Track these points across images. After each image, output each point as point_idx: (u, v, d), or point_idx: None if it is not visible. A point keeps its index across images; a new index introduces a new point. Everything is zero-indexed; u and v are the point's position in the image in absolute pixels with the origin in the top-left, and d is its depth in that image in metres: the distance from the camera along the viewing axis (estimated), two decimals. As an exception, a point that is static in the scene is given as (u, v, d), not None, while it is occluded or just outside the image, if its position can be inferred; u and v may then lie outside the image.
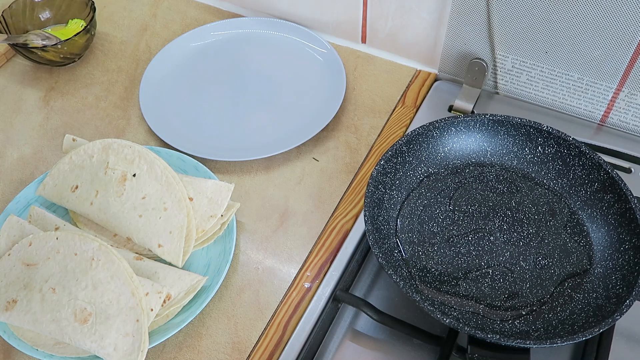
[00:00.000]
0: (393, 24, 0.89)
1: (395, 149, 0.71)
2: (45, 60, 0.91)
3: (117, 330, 0.61)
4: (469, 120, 0.74)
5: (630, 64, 0.76)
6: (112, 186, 0.71)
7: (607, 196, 0.68)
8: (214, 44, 0.97)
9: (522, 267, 0.66)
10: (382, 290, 0.70)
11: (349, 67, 0.93)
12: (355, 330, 0.67)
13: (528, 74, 0.83)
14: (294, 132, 0.83)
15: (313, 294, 0.70)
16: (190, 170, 0.78)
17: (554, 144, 0.72)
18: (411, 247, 0.68)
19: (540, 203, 0.71)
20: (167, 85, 0.91)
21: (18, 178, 0.82)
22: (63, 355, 0.64)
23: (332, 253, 0.73)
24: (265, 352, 0.66)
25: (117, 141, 0.73)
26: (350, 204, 0.78)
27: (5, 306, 0.64)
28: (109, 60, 0.96)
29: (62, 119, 0.89)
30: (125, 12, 1.04)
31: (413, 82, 0.91)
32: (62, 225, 0.72)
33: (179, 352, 0.66)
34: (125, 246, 0.72)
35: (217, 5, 1.03)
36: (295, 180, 0.80)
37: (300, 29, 0.96)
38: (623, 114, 0.81)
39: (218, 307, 0.70)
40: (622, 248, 0.65)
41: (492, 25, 0.80)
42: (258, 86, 0.91)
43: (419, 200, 0.72)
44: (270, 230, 0.76)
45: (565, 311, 0.63)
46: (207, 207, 0.71)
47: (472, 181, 0.73)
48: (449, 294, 0.65)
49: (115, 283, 0.63)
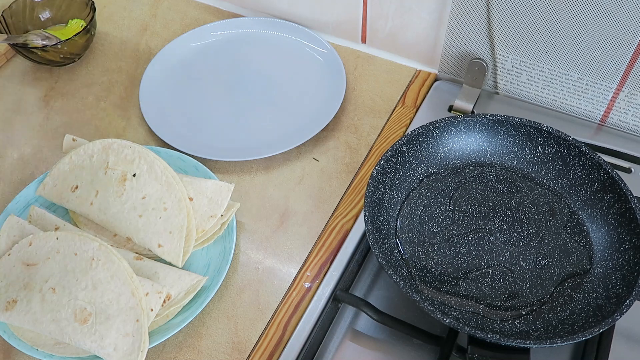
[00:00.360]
0: (393, 24, 0.89)
1: (395, 149, 0.71)
2: (45, 60, 0.91)
3: (117, 330, 0.61)
4: (469, 120, 0.74)
5: (630, 64, 0.76)
6: (112, 186, 0.71)
7: (607, 196, 0.68)
8: (214, 44, 0.97)
9: (522, 267, 0.66)
10: (382, 290, 0.70)
11: (349, 67, 0.93)
12: (355, 330, 0.67)
13: (528, 74, 0.83)
14: (294, 132, 0.83)
15: (313, 294, 0.70)
16: (190, 170, 0.78)
17: (554, 144, 0.72)
18: (411, 247, 0.68)
19: (540, 203, 0.71)
20: (167, 85, 0.91)
21: (18, 178, 0.82)
22: (63, 355, 0.64)
23: (332, 253, 0.73)
24: (265, 352, 0.66)
25: (117, 141, 0.73)
26: (350, 204, 0.78)
27: (5, 306, 0.64)
28: (109, 60, 0.96)
29: (62, 119, 0.89)
30: (125, 12, 1.04)
31: (413, 82, 0.91)
32: (62, 225, 0.72)
33: (179, 352, 0.66)
34: (125, 246, 0.72)
35: (217, 5, 1.03)
36: (295, 180, 0.80)
37: (300, 29, 0.96)
38: (623, 114, 0.81)
39: (218, 307, 0.70)
40: (622, 248, 0.65)
41: (492, 25, 0.80)
42: (258, 86, 0.91)
43: (419, 200, 0.72)
44: (270, 230, 0.76)
45: (565, 311, 0.63)
46: (207, 207, 0.71)
47: (472, 181, 0.73)
48: (449, 294, 0.65)
49: (115, 283, 0.63)
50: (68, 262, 0.64)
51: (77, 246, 0.65)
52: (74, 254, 0.64)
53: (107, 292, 0.62)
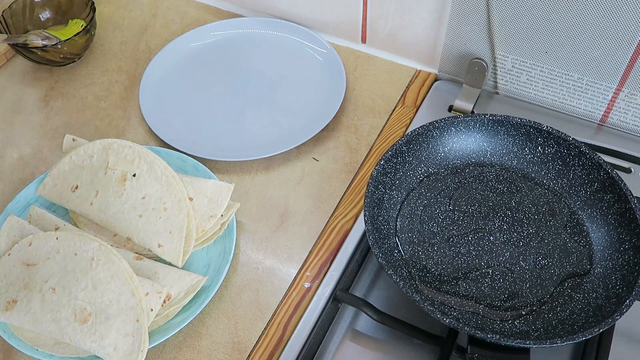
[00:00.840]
0: (393, 24, 0.89)
1: (395, 149, 0.71)
2: (45, 60, 0.91)
3: (117, 330, 0.61)
4: (469, 120, 0.74)
5: (630, 64, 0.76)
6: (112, 186, 0.71)
7: (607, 196, 0.68)
8: (214, 44, 0.97)
9: (522, 267, 0.66)
10: (382, 290, 0.70)
11: (349, 67, 0.93)
12: (355, 330, 0.67)
13: (528, 74, 0.83)
14: (294, 132, 0.84)
15: (313, 294, 0.70)
16: (190, 170, 0.78)
17: (554, 144, 0.72)
18: (411, 247, 0.68)
19: (540, 203, 0.71)
20: (167, 85, 0.91)
21: (18, 178, 0.82)
22: (63, 355, 0.64)
23: (332, 253, 0.73)
24: (265, 352, 0.66)
25: (117, 141, 0.73)
26: (350, 204, 0.78)
27: (5, 306, 0.64)
28: (109, 60, 0.96)
29: (62, 119, 0.89)
30: (125, 12, 1.04)
31: (413, 82, 0.91)
32: (62, 225, 0.72)
33: (179, 352, 0.66)
34: (125, 246, 0.72)
35: (217, 5, 1.03)
36: (295, 180, 0.80)
37: (300, 29, 0.96)
38: (623, 114, 0.81)
39: (218, 307, 0.70)
40: (622, 248, 0.65)
41: (492, 25, 0.80)
42: (258, 86, 0.91)
43: (419, 200, 0.72)
44: (270, 230, 0.76)
45: (565, 311, 0.63)
46: (207, 207, 0.71)
47: (472, 181, 0.73)
48: (449, 294, 0.65)
49: (115, 283, 0.63)
50: (68, 262, 0.64)
51: (77, 246, 0.65)
52: (74, 254, 0.64)
53: (107, 292, 0.62)
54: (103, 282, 0.63)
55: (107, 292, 0.62)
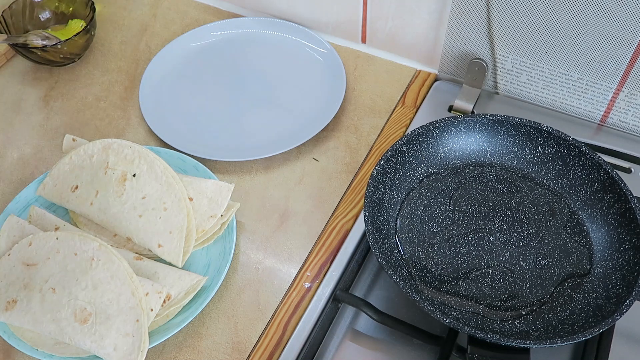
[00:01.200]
0: (393, 24, 0.89)
1: (395, 149, 0.71)
2: (45, 60, 0.91)
3: (117, 330, 0.61)
4: (469, 120, 0.74)
5: (630, 64, 0.76)
6: (112, 186, 0.71)
7: (607, 196, 0.68)
8: (214, 44, 0.97)
9: (522, 267, 0.66)
10: (382, 290, 0.70)
11: (349, 67, 0.93)
12: (355, 330, 0.67)
13: (528, 74, 0.83)
14: (294, 132, 0.84)
15: (313, 294, 0.70)
16: (190, 170, 0.78)
17: (554, 144, 0.72)
18: (411, 247, 0.68)
19: (540, 203, 0.71)
20: (167, 85, 0.91)
21: (18, 178, 0.82)
22: (63, 355, 0.64)
23: (332, 253, 0.73)
24: (265, 352, 0.66)
25: (117, 141, 0.73)
26: (350, 204, 0.78)
27: (5, 306, 0.64)
28: (109, 60, 0.96)
29: (62, 119, 0.89)
30: (125, 12, 1.04)
31: (413, 82, 0.91)
32: (62, 225, 0.72)
33: (179, 352, 0.66)
34: (125, 246, 0.72)
35: (217, 5, 1.03)
36: (295, 180, 0.80)
37: (300, 29, 0.96)
38: (623, 114, 0.81)
39: (218, 307, 0.70)
40: (622, 248, 0.65)
41: (492, 25, 0.80)
42: (258, 86, 0.91)
43: (419, 200, 0.72)
44: (270, 230, 0.76)
45: (565, 311, 0.63)
46: (207, 207, 0.71)
47: (472, 181, 0.73)
48: (449, 294, 0.65)
49: (115, 283, 0.63)
50: (68, 262, 0.64)
51: (77, 246, 0.65)
52: (74, 254, 0.64)
53: (107, 292, 0.62)
54: (103, 282, 0.63)
55: (107, 292, 0.62)
